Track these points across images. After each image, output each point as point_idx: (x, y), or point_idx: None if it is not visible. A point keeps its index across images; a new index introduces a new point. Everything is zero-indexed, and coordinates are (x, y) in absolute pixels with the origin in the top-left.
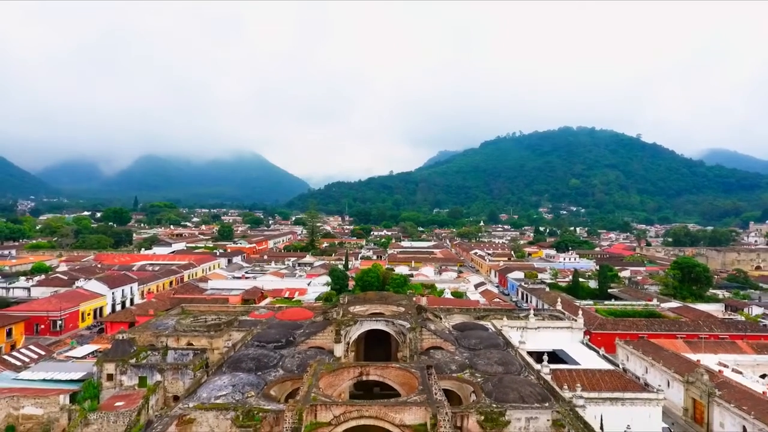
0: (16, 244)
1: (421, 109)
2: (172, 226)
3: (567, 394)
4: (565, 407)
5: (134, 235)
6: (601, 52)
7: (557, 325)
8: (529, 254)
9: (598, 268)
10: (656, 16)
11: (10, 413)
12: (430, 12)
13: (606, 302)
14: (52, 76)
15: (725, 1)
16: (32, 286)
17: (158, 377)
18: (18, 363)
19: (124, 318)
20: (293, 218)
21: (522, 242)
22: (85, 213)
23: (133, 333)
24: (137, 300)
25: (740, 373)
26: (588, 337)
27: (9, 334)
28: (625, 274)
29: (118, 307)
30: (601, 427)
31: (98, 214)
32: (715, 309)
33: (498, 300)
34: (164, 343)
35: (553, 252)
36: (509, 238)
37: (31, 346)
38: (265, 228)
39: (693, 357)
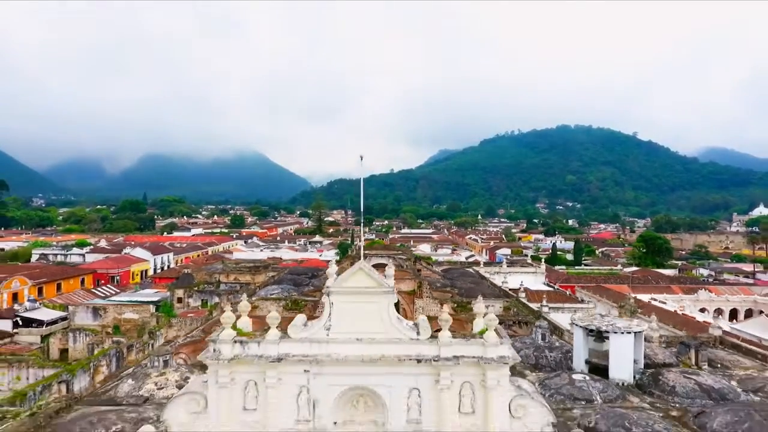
0: (49, 229)
1: (421, 108)
2: (185, 217)
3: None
4: (513, 299)
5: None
6: (600, 52)
7: (524, 270)
8: (520, 238)
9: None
10: (656, 16)
11: (115, 317)
12: (430, 12)
13: (577, 267)
14: (57, 75)
15: (725, 1)
16: (86, 252)
17: (216, 299)
18: (102, 295)
19: (170, 275)
20: (298, 212)
21: (515, 230)
22: (99, 207)
23: (192, 271)
24: (173, 266)
25: (665, 303)
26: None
27: (82, 282)
28: (603, 250)
29: (159, 271)
30: None
31: (112, 208)
32: (669, 272)
33: None
34: (217, 278)
35: (541, 236)
36: (504, 227)
37: (109, 285)
38: (273, 219)
39: (632, 295)
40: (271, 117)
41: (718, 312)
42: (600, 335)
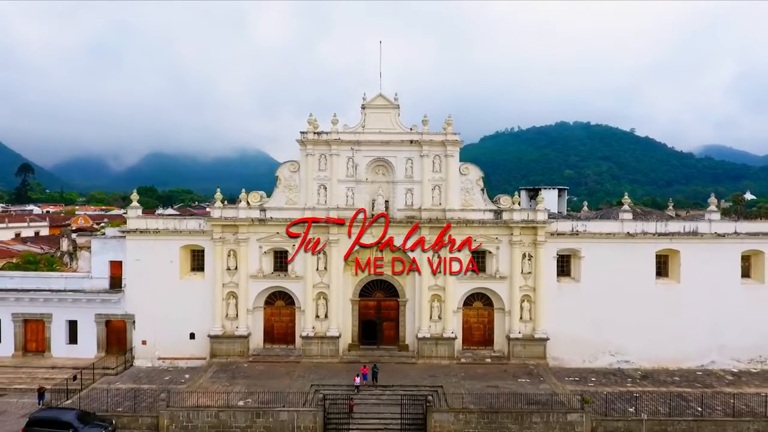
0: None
1: (422, 107)
2: (197, 203)
3: None
4: None
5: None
6: (599, 51)
7: None
8: None
9: None
10: (655, 15)
11: None
12: (430, 11)
13: None
14: (62, 73)
15: (730, 1)
16: (123, 213)
17: None
18: None
19: None
20: None
21: None
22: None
23: None
24: None
25: None
26: None
27: None
28: None
29: None
30: None
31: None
32: None
33: None
34: None
35: None
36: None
37: None
38: None
39: None
40: (273, 115)
41: None
42: (536, 193)
